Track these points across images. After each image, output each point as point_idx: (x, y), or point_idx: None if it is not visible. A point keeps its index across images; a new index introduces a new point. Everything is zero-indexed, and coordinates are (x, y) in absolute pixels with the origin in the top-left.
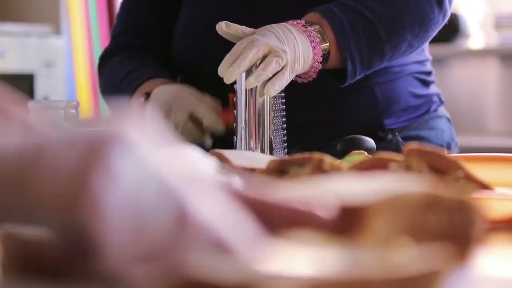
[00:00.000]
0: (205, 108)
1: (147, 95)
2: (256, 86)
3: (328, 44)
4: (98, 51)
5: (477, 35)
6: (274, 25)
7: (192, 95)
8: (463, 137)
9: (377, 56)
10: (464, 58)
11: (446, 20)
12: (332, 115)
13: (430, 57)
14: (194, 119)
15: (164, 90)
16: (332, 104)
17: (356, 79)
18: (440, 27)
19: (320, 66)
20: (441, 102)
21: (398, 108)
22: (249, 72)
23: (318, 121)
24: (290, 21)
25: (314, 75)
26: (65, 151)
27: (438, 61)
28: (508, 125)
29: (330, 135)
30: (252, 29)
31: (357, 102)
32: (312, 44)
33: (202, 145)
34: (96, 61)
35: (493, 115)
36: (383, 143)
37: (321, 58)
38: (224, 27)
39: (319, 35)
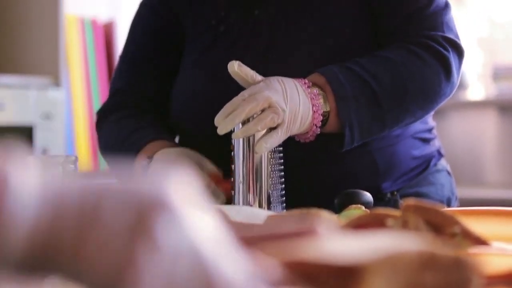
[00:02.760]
0: (205, 179)
1: (149, 159)
2: (254, 139)
3: (329, 109)
4: (97, 104)
5: (475, 87)
6: (284, 79)
7: (192, 161)
8: (461, 189)
9: (377, 125)
10: (463, 109)
11: (453, 92)
12: (330, 178)
13: (432, 112)
14: None
15: (166, 155)
16: (330, 167)
17: (353, 146)
18: (447, 98)
19: (318, 131)
20: (441, 155)
21: (398, 172)
22: (245, 123)
23: (316, 182)
24: (298, 79)
25: (312, 138)
26: (117, 215)
27: (436, 112)
28: (506, 177)
29: (327, 194)
30: (261, 77)
31: (356, 166)
32: (314, 108)
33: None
34: (96, 114)
35: (492, 167)
36: (381, 202)
37: (320, 123)
38: (236, 67)
39: (321, 99)
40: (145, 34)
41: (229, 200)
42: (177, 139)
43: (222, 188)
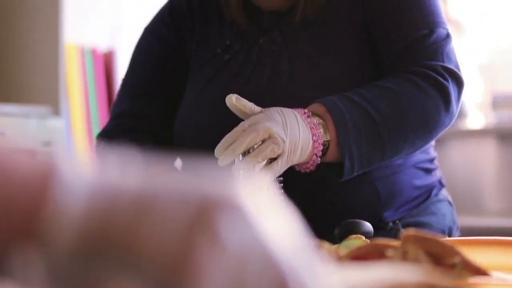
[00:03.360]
0: None
1: None
2: (254, 170)
3: (329, 139)
4: (97, 133)
5: (474, 115)
6: (283, 109)
7: None
8: (461, 217)
9: (377, 155)
10: (462, 138)
11: (452, 122)
12: (331, 207)
13: (433, 143)
14: None
15: None
16: (331, 196)
17: (353, 175)
18: (446, 128)
19: (318, 160)
20: (442, 186)
21: (400, 202)
22: (245, 154)
23: (316, 211)
24: (298, 109)
25: (312, 168)
26: (177, 207)
27: (435, 140)
28: (506, 205)
29: (327, 225)
30: (260, 108)
31: (357, 196)
32: (314, 137)
33: None
34: (95, 137)
35: (491, 195)
36: (383, 231)
37: (321, 152)
38: (234, 100)
39: (321, 129)
40: (148, 59)
41: None
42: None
43: None
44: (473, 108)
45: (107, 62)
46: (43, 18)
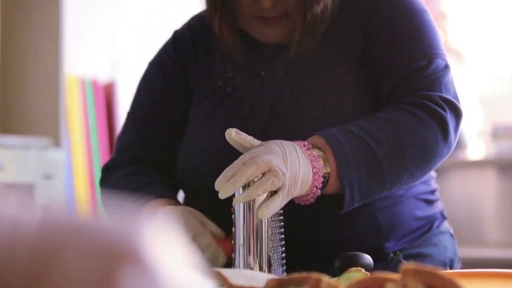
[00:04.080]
0: (206, 238)
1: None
2: (254, 202)
3: (329, 171)
4: (98, 164)
5: (475, 146)
6: (283, 142)
7: (195, 220)
8: (462, 248)
9: (376, 186)
10: (463, 169)
11: (450, 152)
12: (332, 238)
13: (434, 175)
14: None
15: (169, 212)
16: (332, 228)
17: (353, 207)
18: (444, 158)
19: (319, 193)
20: (444, 218)
21: (401, 233)
22: (246, 187)
23: (317, 243)
24: (298, 141)
25: (313, 200)
26: (81, 264)
27: (436, 171)
28: (506, 236)
29: (328, 256)
30: (259, 142)
31: (358, 227)
32: (314, 169)
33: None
34: (96, 174)
35: (492, 226)
36: (384, 262)
37: (321, 185)
38: (233, 135)
39: (321, 161)
40: (153, 92)
41: (230, 260)
42: (181, 195)
43: (224, 248)
44: (474, 139)
45: (107, 93)
46: (44, 50)
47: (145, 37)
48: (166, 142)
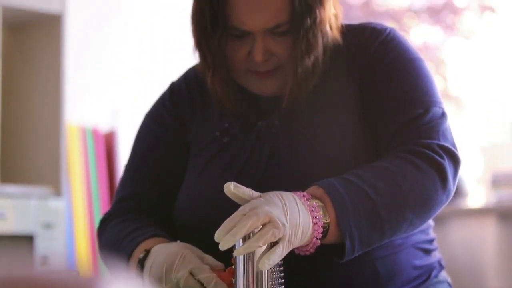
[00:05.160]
0: (206, 271)
1: (147, 252)
2: (255, 253)
3: (328, 221)
4: (98, 213)
5: (475, 194)
6: (282, 193)
7: (194, 253)
8: None
9: (376, 235)
10: (463, 217)
11: (449, 200)
12: (332, 287)
13: (432, 223)
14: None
15: (165, 247)
16: (332, 277)
17: (354, 256)
18: (443, 206)
19: (319, 243)
20: (442, 267)
21: (400, 282)
22: (246, 238)
23: None
24: (297, 192)
25: (313, 250)
26: None
27: (436, 219)
28: (507, 284)
29: None
30: (258, 193)
31: (358, 276)
32: (314, 220)
33: None
34: (96, 223)
35: (492, 274)
36: None
37: (321, 235)
38: (232, 188)
39: (321, 211)
40: (150, 144)
41: None
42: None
43: (224, 279)
44: (474, 187)
45: (108, 142)
46: (44, 98)
47: (146, 87)
48: (164, 193)
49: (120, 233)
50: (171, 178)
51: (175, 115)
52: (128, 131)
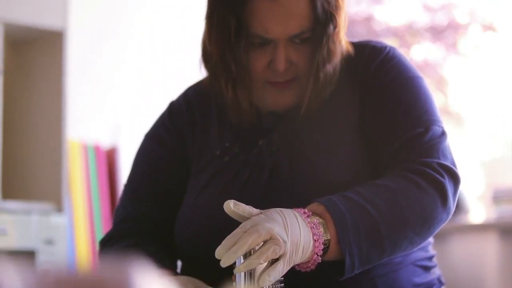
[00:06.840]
0: None
1: None
2: (255, 270)
3: (329, 237)
4: (100, 230)
5: (476, 210)
6: (283, 210)
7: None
8: None
9: (376, 252)
10: (464, 233)
11: (449, 218)
12: None
13: (432, 240)
14: None
15: (167, 283)
16: None
17: (354, 273)
18: (443, 224)
19: (319, 259)
20: (441, 284)
21: None
22: (247, 255)
23: None
24: (298, 209)
25: (313, 267)
26: None
27: (437, 235)
28: None
29: None
30: (258, 210)
31: None
32: (314, 237)
33: None
34: (98, 239)
35: None
36: None
37: (321, 252)
38: (232, 206)
39: (322, 228)
40: (150, 164)
41: None
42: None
43: None
44: (474, 203)
45: (110, 159)
46: (46, 115)
47: (147, 103)
48: (163, 212)
49: None
50: (172, 199)
51: (174, 135)
52: (130, 147)
